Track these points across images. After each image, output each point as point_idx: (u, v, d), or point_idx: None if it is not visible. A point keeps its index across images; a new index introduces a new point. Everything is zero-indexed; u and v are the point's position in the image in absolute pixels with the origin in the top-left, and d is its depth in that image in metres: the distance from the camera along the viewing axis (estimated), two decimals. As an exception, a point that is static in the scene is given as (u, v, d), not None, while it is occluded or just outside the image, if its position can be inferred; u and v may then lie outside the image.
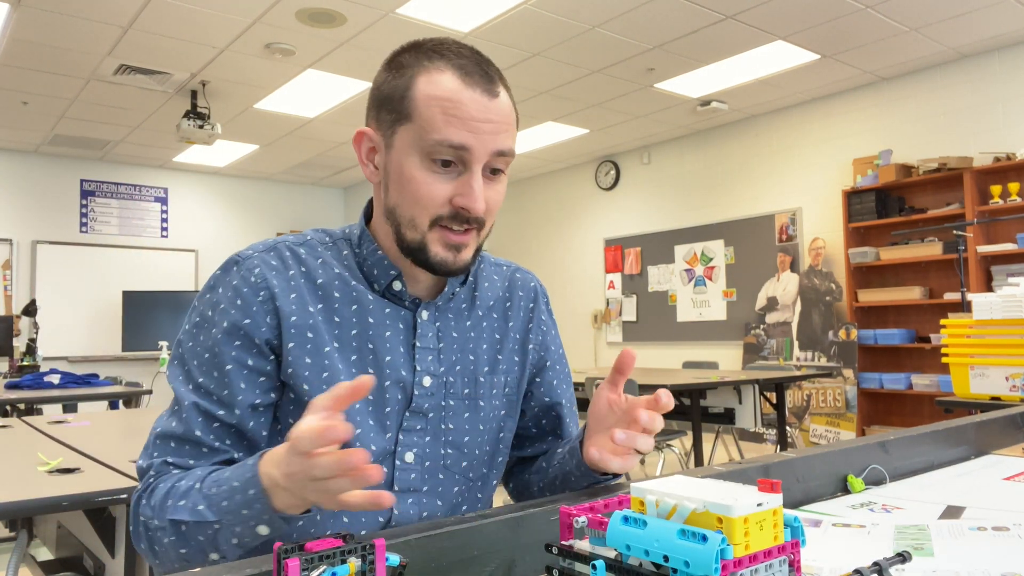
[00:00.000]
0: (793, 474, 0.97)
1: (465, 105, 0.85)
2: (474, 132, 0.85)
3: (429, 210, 0.88)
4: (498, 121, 0.87)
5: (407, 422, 0.93)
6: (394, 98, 0.89)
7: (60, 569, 1.82)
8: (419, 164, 0.87)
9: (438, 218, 0.88)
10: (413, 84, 0.87)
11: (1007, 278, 3.33)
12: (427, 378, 0.95)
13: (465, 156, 0.86)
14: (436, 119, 0.85)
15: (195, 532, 0.79)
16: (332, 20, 4.62)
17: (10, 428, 2.45)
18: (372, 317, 0.94)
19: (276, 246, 0.95)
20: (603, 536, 0.51)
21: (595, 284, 8.27)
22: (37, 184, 7.82)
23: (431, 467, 0.94)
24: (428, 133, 0.85)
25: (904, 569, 0.68)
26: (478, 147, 0.86)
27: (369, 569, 0.51)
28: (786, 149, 6.55)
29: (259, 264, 0.92)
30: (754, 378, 4.35)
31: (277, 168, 8.66)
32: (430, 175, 0.87)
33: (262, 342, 0.89)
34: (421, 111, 0.86)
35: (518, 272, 1.10)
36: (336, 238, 0.99)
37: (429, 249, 0.89)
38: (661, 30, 4.86)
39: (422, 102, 0.86)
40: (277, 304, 0.90)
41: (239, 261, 0.93)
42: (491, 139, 0.87)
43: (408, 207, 0.89)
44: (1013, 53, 5.21)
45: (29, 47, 4.97)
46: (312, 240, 0.97)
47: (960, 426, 1.25)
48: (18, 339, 6.50)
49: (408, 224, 0.90)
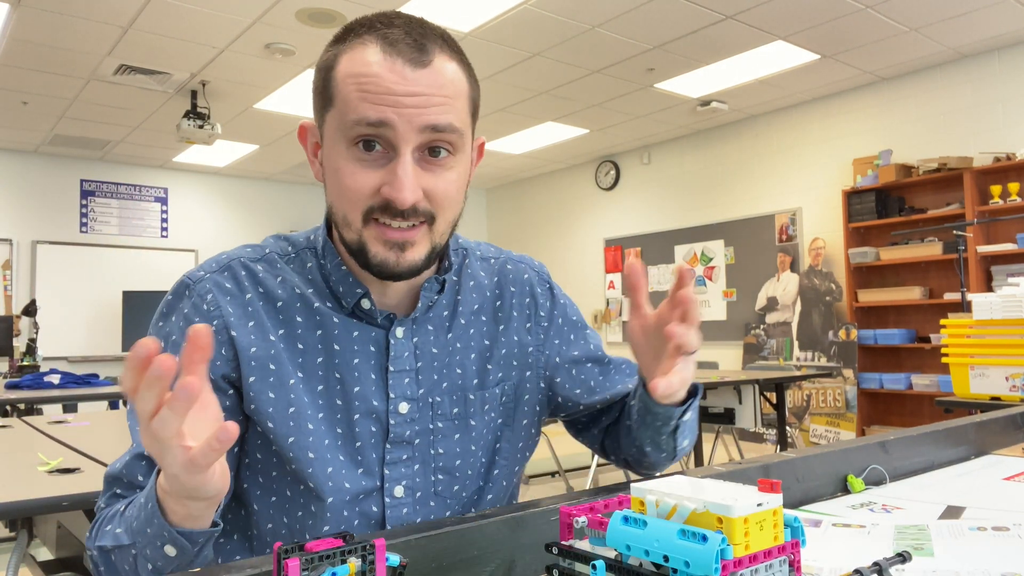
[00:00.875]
0: (793, 474, 0.97)
1: (382, 77, 0.74)
2: (394, 106, 0.74)
3: (357, 204, 0.77)
4: (427, 93, 0.75)
5: (390, 455, 0.84)
6: (320, 83, 0.80)
7: (60, 569, 1.82)
8: (344, 153, 0.77)
9: (369, 211, 0.77)
10: (336, 64, 0.78)
11: (1007, 278, 3.33)
12: (404, 404, 0.85)
13: (389, 135, 0.75)
14: (352, 97, 0.75)
15: (120, 559, 0.73)
16: (332, 20, 4.62)
17: (10, 428, 2.45)
18: (338, 343, 0.84)
19: (230, 264, 0.85)
20: (603, 536, 0.51)
21: (595, 284, 8.28)
22: (37, 184, 7.82)
23: (422, 497, 0.86)
24: (346, 115, 0.75)
25: (904, 569, 0.68)
26: (400, 123, 0.74)
27: (369, 569, 0.51)
28: (786, 149, 6.55)
29: (211, 289, 0.82)
30: (754, 378, 4.36)
31: (277, 168, 8.66)
32: (354, 163, 0.76)
33: (217, 377, 0.80)
34: (340, 92, 0.76)
35: (509, 263, 0.98)
36: (299, 248, 0.88)
37: (368, 249, 0.79)
38: (661, 30, 4.86)
39: (341, 82, 0.76)
40: (232, 334, 0.81)
41: (190, 285, 0.83)
42: (417, 113, 0.74)
43: (339, 203, 0.79)
44: (1013, 53, 5.21)
45: (29, 47, 4.97)
46: (271, 254, 0.87)
47: (960, 426, 1.25)
48: (18, 339, 6.50)
49: (343, 223, 0.80)
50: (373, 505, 0.84)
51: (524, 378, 0.95)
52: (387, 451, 0.84)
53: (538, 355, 0.97)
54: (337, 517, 0.83)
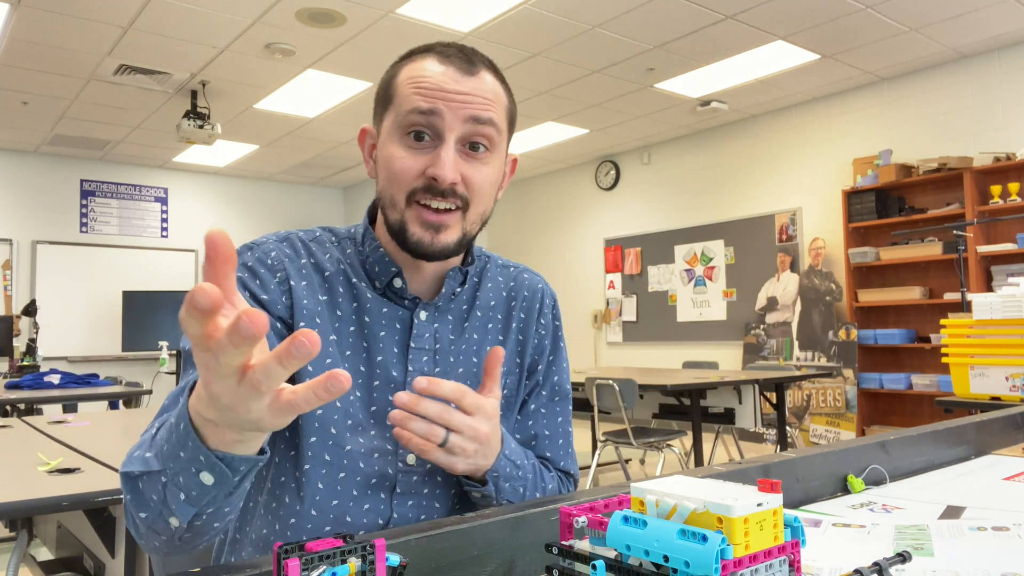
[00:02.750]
0: (793, 474, 0.97)
1: (436, 78, 0.87)
2: (443, 100, 0.87)
3: (403, 184, 0.88)
4: (472, 94, 0.88)
5: None
6: (382, 92, 0.93)
7: (60, 569, 1.82)
8: (397, 142, 0.89)
9: (412, 192, 0.88)
10: (397, 74, 0.92)
11: (1007, 278, 3.33)
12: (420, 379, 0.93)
13: (436, 124, 0.87)
14: (409, 94, 0.88)
15: (148, 487, 0.69)
16: (332, 20, 4.62)
17: (10, 428, 2.45)
18: (369, 316, 0.94)
19: (289, 236, 0.97)
20: (603, 536, 0.51)
21: (595, 284, 8.28)
22: (37, 184, 7.82)
23: (432, 470, 0.93)
24: (401, 108, 0.88)
25: (904, 569, 0.68)
26: (448, 113, 0.87)
27: (369, 569, 0.51)
28: (786, 149, 6.55)
29: (275, 249, 0.94)
30: (754, 378, 4.36)
31: (277, 168, 8.66)
32: (405, 150, 0.88)
33: (276, 319, 0.90)
34: (399, 92, 0.90)
35: (526, 273, 1.09)
36: (341, 237, 1.00)
37: (408, 229, 0.89)
38: (661, 30, 4.86)
39: (400, 85, 0.90)
40: (291, 285, 0.92)
41: (253, 246, 0.95)
42: (462, 106, 0.87)
43: (388, 186, 0.90)
44: (1013, 53, 5.21)
45: (29, 47, 4.97)
46: (321, 236, 0.99)
47: (960, 426, 1.25)
48: (18, 339, 6.50)
49: (390, 204, 0.91)
50: (389, 467, 0.91)
51: (522, 375, 1.04)
52: None
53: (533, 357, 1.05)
54: (354, 467, 0.90)
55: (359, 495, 0.90)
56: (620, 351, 8.00)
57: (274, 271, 0.92)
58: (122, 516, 1.55)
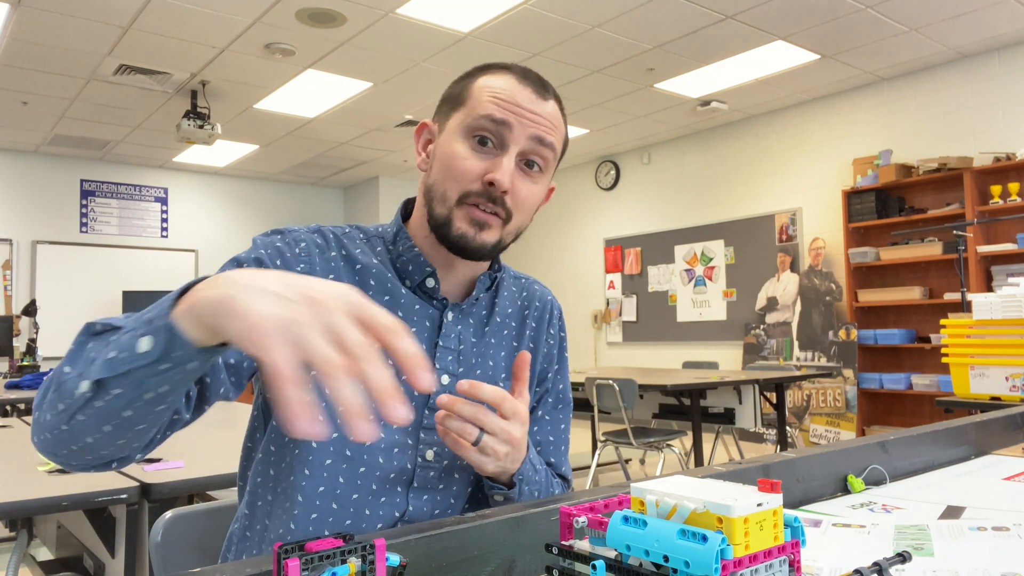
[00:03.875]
0: (793, 474, 0.97)
1: (514, 93, 0.92)
2: (516, 114, 0.91)
3: (460, 183, 0.91)
4: (542, 115, 0.93)
5: (427, 420, 0.95)
6: (455, 94, 0.97)
7: (60, 569, 1.82)
8: (462, 141, 0.92)
9: (467, 194, 0.91)
10: (474, 81, 0.96)
11: (1007, 278, 3.33)
12: (445, 376, 0.96)
13: (503, 134, 0.91)
14: (484, 100, 0.92)
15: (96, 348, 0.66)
16: (332, 20, 4.62)
17: (10, 428, 2.45)
18: (401, 311, 0.96)
19: (320, 228, 0.99)
20: (603, 536, 0.51)
21: (595, 284, 8.28)
22: (37, 184, 7.82)
23: (448, 466, 0.95)
24: (475, 111, 0.92)
25: (904, 569, 0.68)
26: (516, 127, 0.91)
27: (369, 569, 0.51)
28: (786, 149, 6.55)
29: (304, 239, 0.95)
30: (754, 378, 4.36)
31: (277, 168, 8.66)
32: (468, 150, 0.92)
33: None
34: (474, 96, 0.93)
35: (536, 285, 1.13)
36: (370, 235, 1.02)
37: (453, 223, 0.92)
38: (661, 30, 4.86)
39: (476, 91, 0.94)
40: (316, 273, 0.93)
41: (283, 232, 0.96)
42: (532, 124, 0.92)
43: (442, 181, 0.93)
44: (1013, 53, 5.21)
45: (29, 47, 4.97)
46: (351, 232, 1.01)
47: (960, 426, 1.25)
48: (18, 339, 6.50)
49: (440, 198, 0.93)
50: (407, 462, 0.93)
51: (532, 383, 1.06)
52: (425, 416, 0.94)
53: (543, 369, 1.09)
54: (374, 461, 0.91)
55: (378, 488, 0.91)
56: (620, 351, 8.00)
57: (298, 260, 0.93)
58: (122, 516, 1.55)
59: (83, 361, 0.67)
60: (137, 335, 0.61)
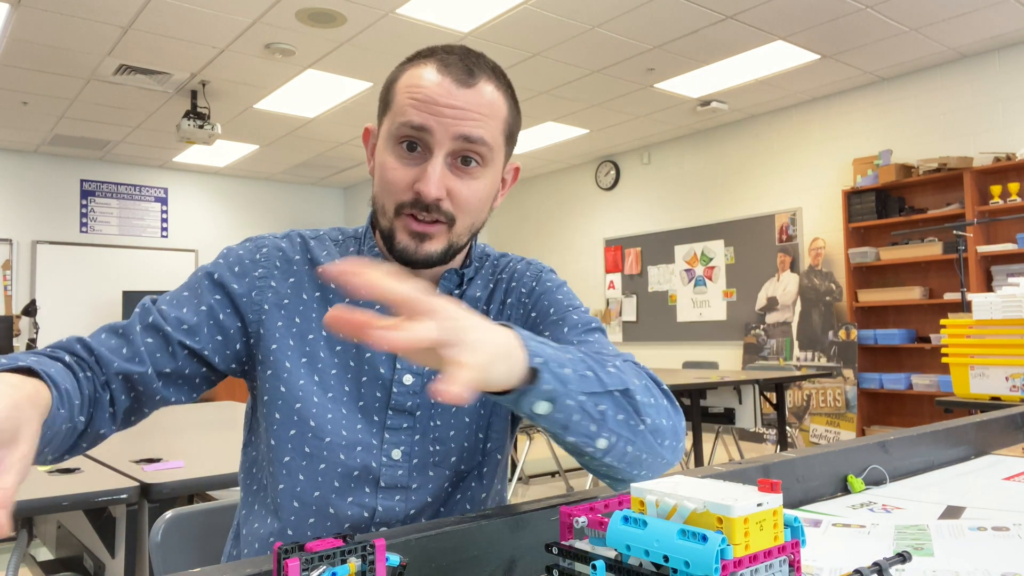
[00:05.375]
0: (793, 474, 0.97)
1: (430, 89, 0.86)
2: (435, 115, 0.86)
3: (393, 195, 0.89)
4: (466, 108, 0.86)
5: (391, 420, 0.93)
6: (383, 93, 0.94)
7: (60, 569, 1.82)
8: (391, 150, 0.89)
9: (401, 205, 0.89)
10: (398, 78, 0.91)
11: (1007, 278, 3.34)
12: (408, 376, 0.94)
13: (426, 139, 0.86)
14: (404, 103, 0.87)
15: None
16: (332, 20, 4.62)
17: (10, 428, 2.44)
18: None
19: (289, 233, 1.01)
20: (603, 536, 0.51)
21: (595, 284, 8.28)
22: (37, 184, 7.82)
23: (419, 464, 0.93)
24: (396, 117, 0.88)
25: (904, 569, 0.68)
26: (438, 129, 0.86)
27: (369, 569, 0.51)
28: (786, 149, 6.55)
29: (268, 245, 0.97)
30: (754, 378, 4.36)
31: (277, 168, 8.66)
32: (397, 160, 0.89)
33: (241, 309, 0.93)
34: (397, 99, 0.89)
35: (504, 257, 1.06)
36: (347, 236, 1.02)
37: (395, 236, 0.90)
38: (661, 30, 4.86)
39: (399, 91, 0.89)
40: (273, 285, 0.94)
41: (253, 238, 0.99)
42: (453, 123, 0.86)
43: (380, 194, 0.92)
44: (1013, 53, 5.21)
45: (29, 47, 4.97)
46: (324, 235, 1.02)
47: (960, 426, 1.25)
48: (18, 339, 6.50)
49: (381, 211, 0.92)
50: (372, 461, 0.91)
51: None
52: (388, 416, 0.93)
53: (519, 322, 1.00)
54: (334, 459, 0.90)
55: (341, 487, 0.90)
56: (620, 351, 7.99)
57: (257, 265, 0.95)
58: (122, 516, 1.55)
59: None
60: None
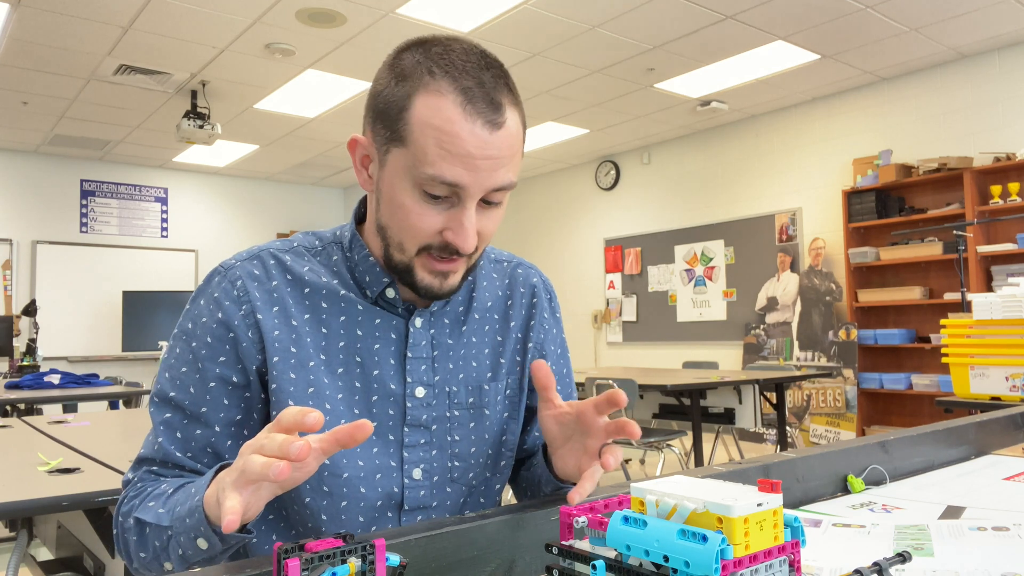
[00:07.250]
0: (793, 474, 0.97)
1: (463, 140, 0.78)
2: (470, 170, 0.79)
3: (418, 239, 0.83)
4: (498, 156, 0.80)
5: (408, 437, 0.90)
6: (390, 114, 0.81)
7: (60, 569, 1.82)
8: (410, 192, 0.81)
9: (427, 247, 0.84)
10: (411, 104, 0.80)
11: (1007, 278, 3.33)
12: (420, 388, 0.91)
13: (459, 192, 0.80)
14: (430, 151, 0.78)
15: (154, 535, 0.79)
16: (332, 20, 4.62)
17: (10, 428, 2.45)
18: (361, 329, 0.90)
19: (259, 254, 0.91)
20: (603, 536, 0.51)
21: (595, 284, 8.27)
22: (37, 184, 7.82)
23: (439, 481, 0.91)
24: (421, 165, 0.79)
25: (904, 569, 0.68)
26: (473, 185, 0.80)
27: (369, 569, 0.51)
28: (786, 149, 6.55)
29: (241, 276, 0.88)
30: (754, 378, 4.35)
31: (277, 168, 8.66)
32: (421, 205, 0.81)
33: (244, 357, 0.86)
34: (416, 138, 0.79)
35: (519, 267, 1.05)
36: (326, 242, 0.94)
37: (416, 273, 0.86)
38: (661, 30, 4.86)
39: (418, 128, 0.79)
40: (259, 318, 0.86)
41: (222, 272, 0.90)
42: (488, 176, 0.80)
43: (397, 231, 0.85)
44: (1013, 53, 5.21)
45: (29, 47, 4.97)
46: (299, 246, 0.93)
47: (960, 426, 1.25)
48: (18, 339, 6.49)
49: (396, 247, 0.86)
50: (394, 486, 0.89)
51: (526, 373, 1.00)
52: (405, 434, 0.90)
53: (536, 354, 1.02)
54: (355, 494, 0.87)
55: (366, 520, 0.88)
56: (620, 351, 7.99)
57: (239, 304, 0.87)
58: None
59: (154, 550, 0.79)
60: (192, 538, 0.74)
